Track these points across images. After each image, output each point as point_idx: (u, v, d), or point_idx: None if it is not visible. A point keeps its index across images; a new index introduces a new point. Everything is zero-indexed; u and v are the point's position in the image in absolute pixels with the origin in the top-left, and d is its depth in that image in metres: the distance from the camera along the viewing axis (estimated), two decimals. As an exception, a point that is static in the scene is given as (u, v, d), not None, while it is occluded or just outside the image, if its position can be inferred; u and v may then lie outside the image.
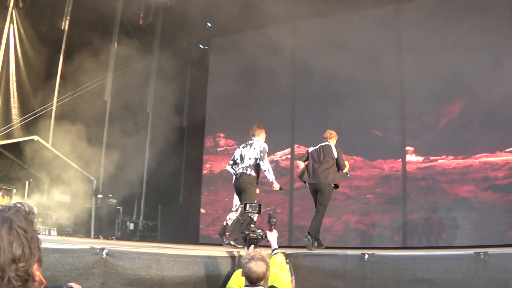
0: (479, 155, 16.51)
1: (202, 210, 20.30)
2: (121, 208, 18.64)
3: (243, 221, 6.62)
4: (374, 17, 18.26)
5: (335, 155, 10.56)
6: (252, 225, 6.55)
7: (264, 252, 5.83)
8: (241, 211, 9.61)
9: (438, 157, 16.98)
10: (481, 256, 7.85)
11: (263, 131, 10.72)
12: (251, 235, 6.39)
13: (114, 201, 18.15)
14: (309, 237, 9.92)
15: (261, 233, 6.40)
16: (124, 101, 18.12)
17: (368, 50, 17.67)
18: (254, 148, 9.87)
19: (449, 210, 16.32)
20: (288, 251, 8.50)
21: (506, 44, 16.12)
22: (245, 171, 9.76)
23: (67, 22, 17.60)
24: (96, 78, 17.55)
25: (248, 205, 6.80)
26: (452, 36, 16.56)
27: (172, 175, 20.61)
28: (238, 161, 9.97)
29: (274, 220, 6.51)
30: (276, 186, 10.27)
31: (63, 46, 17.39)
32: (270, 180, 10.00)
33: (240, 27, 19.46)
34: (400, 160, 17.52)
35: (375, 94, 17.63)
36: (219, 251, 7.46)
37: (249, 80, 19.59)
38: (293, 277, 8.07)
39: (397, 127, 17.83)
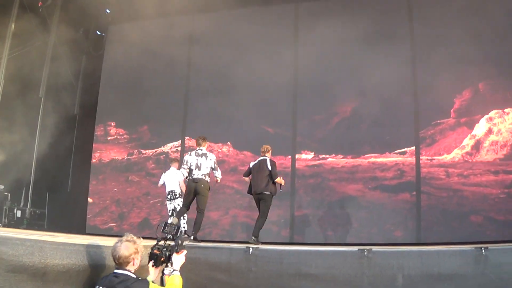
0: (368, 155, 17.11)
1: (90, 200, 20.03)
2: (8, 194, 18.08)
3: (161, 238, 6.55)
4: (272, 13, 18.59)
5: (269, 168, 12.18)
6: (162, 243, 6.49)
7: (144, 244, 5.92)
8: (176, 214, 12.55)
9: (327, 156, 17.47)
10: (365, 253, 8.25)
11: (207, 142, 12.89)
12: (155, 251, 6.35)
13: (1, 187, 17.64)
14: (253, 238, 11.51)
15: (166, 253, 6.36)
16: (16, 84, 17.64)
17: (264, 46, 17.97)
18: (211, 159, 12.03)
19: (337, 208, 16.82)
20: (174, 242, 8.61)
21: (400, 49, 16.83)
22: (203, 177, 11.79)
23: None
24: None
25: (167, 226, 6.79)
26: (348, 35, 16.97)
27: (61, 162, 20.20)
28: (193, 167, 11.84)
29: (180, 242, 6.49)
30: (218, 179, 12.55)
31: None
32: (218, 178, 12.40)
33: (139, 15, 19.26)
34: (289, 157, 17.93)
35: (269, 91, 17.95)
36: (104, 240, 7.48)
37: (144, 69, 19.44)
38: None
39: (288, 124, 18.20)
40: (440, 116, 16.59)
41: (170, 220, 11.16)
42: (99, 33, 21.80)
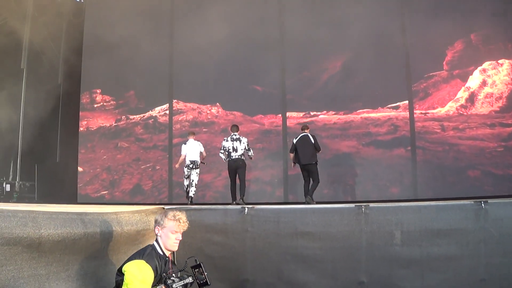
0: (361, 110, 17.14)
1: (80, 169, 20.00)
2: (-4, 168, 18.10)
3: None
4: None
5: (313, 141, 13.78)
6: (175, 278, 6.20)
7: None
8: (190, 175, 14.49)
9: (319, 112, 17.50)
10: (363, 210, 8.29)
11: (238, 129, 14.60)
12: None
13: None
14: (309, 197, 13.24)
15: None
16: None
17: (247, 1, 17.89)
18: (244, 143, 14.10)
19: (331, 166, 16.84)
20: (168, 206, 8.64)
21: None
22: (240, 157, 14.02)
23: None
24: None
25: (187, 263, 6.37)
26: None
27: (48, 133, 20.16)
28: (231, 150, 14.05)
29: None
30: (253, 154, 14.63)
31: None
32: (251, 156, 14.44)
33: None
34: (280, 115, 17.95)
35: (255, 49, 17.87)
36: (97, 208, 7.50)
37: (126, 34, 19.16)
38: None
39: (277, 82, 18.16)
40: (433, 68, 16.61)
41: (186, 182, 14.47)
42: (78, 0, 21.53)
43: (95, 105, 20.41)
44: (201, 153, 14.73)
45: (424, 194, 15.61)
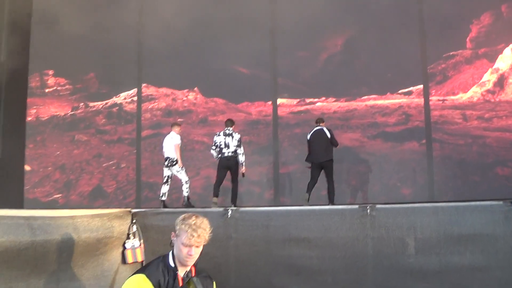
0: (366, 97, 17.11)
1: (27, 167, 19.87)
2: None
3: None
4: None
5: (329, 135, 14.34)
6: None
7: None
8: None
9: (316, 99, 17.48)
10: (368, 211, 8.26)
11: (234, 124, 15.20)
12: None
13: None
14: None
15: None
16: None
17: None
18: (235, 139, 14.58)
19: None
20: (135, 209, 8.60)
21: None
22: (232, 154, 14.50)
23: None
24: None
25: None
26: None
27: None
28: (222, 146, 14.52)
29: None
30: (244, 169, 14.79)
31: None
32: (241, 162, 14.64)
33: None
34: (270, 102, 17.90)
35: (241, 23, 17.71)
36: (49, 211, 7.42)
37: (85, 3, 19.01)
38: (142, 241, 8.19)
39: (266, 64, 18.08)
40: (453, 47, 16.58)
41: (162, 190, 14.58)
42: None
43: (47, 90, 20.26)
44: (174, 147, 14.77)
45: (442, 197, 15.53)
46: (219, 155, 14.66)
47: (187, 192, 14.67)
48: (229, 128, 14.88)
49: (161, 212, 8.94)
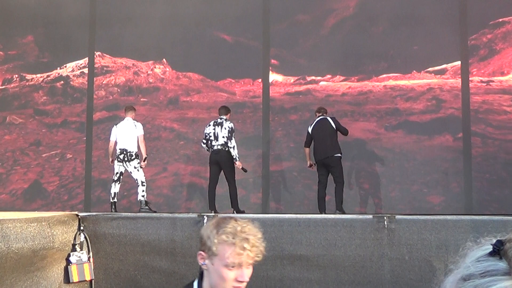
0: (385, 75, 17.02)
1: None
2: None
3: None
4: None
5: (334, 126, 14.68)
6: None
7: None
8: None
9: (319, 77, 17.39)
10: (385, 223, 8.13)
11: (230, 112, 15.59)
12: None
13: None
14: (338, 212, 13.59)
15: None
16: None
17: None
18: (225, 128, 14.84)
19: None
20: (84, 213, 8.48)
21: None
22: (223, 148, 14.81)
23: None
24: None
25: None
26: None
27: None
28: (212, 138, 14.89)
29: None
30: (239, 164, 15.20)
31: None
32: (234, 157, 15.01)
33: None
34: (260, 80, 17.82)
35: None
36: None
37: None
38: (91, 254, 8.03)
39: (256, 30, 18.02)
40: (502, 12, 16.50)
41: (113, 189, 14.68)
42: None
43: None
44: (138, 138, 14.78)
45: (483, 208, 15.51)
46: (209, 149, 14.96)
47: (143, 195, 14.62)
48: (222, 116, 15.15)
49: (117, 217, 8.79)
